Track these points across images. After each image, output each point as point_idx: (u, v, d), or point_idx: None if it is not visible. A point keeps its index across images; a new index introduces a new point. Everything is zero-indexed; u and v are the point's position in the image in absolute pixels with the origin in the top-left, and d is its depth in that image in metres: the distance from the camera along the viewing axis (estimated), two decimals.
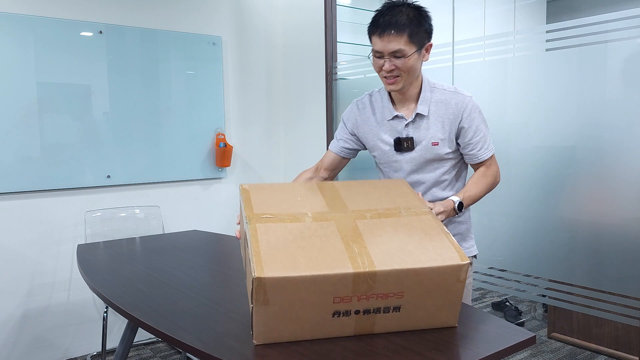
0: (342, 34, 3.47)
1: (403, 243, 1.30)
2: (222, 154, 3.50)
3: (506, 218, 2.48)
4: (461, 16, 2.82)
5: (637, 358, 2.85)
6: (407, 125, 1.74)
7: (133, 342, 2.32)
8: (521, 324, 3.51)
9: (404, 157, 1.76)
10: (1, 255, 2.85)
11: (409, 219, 1.39)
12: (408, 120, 1.73)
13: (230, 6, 3.58)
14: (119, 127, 3.14)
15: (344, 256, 1.22)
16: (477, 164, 1.77)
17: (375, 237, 1.31)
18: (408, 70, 1.65)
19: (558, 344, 3.21)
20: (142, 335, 3.23)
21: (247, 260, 1.29)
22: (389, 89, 1.71)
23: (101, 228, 3.10)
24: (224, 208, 3.64)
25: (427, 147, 1.73)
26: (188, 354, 3.01)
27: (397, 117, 1.75)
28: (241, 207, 1.41)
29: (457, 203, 1.64)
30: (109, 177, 3.13)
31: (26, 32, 2.83)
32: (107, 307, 2.77)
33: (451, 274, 1.23)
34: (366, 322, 1.25)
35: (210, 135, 3.51)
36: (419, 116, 1.72)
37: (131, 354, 3.15)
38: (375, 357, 1.18)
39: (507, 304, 3.78)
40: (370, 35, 1.67)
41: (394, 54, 1.62)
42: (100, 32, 3.06)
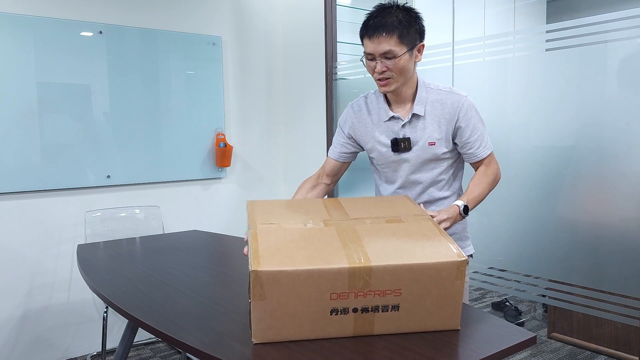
0: (342, 34, 3.47)
1: (400, 242, 1.32)
2: (222, 154, 3.50)
3: (506, 218, 2.48)
4: (461, 16, 2.82)
5: (637, 358, 2.85)
6: (403, 126, 1.74)
7: (133, 342, 2.32)
8: (521, 324, 3.51)
9: (401, 157, 1.76)
10: (1, 255, 2.85)
11: (408, 224, 1.41)
12: (404, 120, 1.74)
13: (230, 6, 3.58)
14: (119, 127, 3.14)
15: (341, 253, 1.25)
16: (476, 163, 1.78)
17: (373, 238, 1.33)
18: (400, 71, 1.66)
19: (558, 344, 3.21)
20: (142, 335, 3.23)
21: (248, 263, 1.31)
22: (382, 91, 1.72)
23: (101, 228, 3.10)
24: (224, 208, 3.64)
25: (424, 147, 1.73)
26: (188, 354, 3.01)
27: (394, 118, 1.76)
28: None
29: (462, 207, 1.64)
30: (109, 177, 3.13)
31: (26, 32, 2.83)
32: (107, 307, 2.77)
33: (449, 271, 1.23)
34: (365, 321, 1.25)
35: (210, 135, 3.51)
36: (415, 116, 1.73)
37: (131, 354, 3.15)
38: (375, 357, 1.18)
39: (507, 304, 3.78)
40: (362, 38, 1.69)
41: (385, 55, 1.63)
42: (100, 32, 3.06)
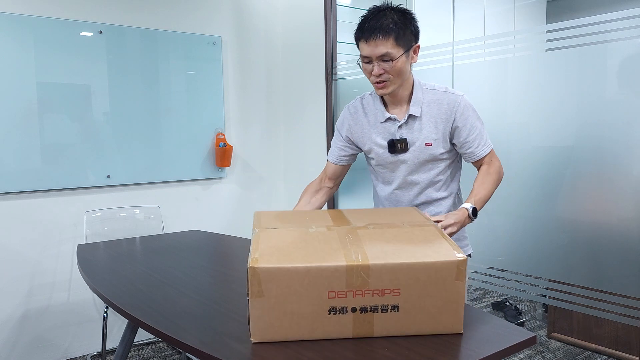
0: (342, 34, 3.46)
1: (401, 244, 1.32)
2: (222, 154, 3.51)
3: (506, 218, 2.48)
4: (461, 16, 2.82)
5: (637, 358, 2.85)
6: (400, 127, 1.74)
7: (133, 342, 2.32)
8: (521, 324, 3.51)
9: (398, 158, 1.76)
10: (1, 255, 2.85)
11: (411, 229, 1.42)
12: (401, 122, 1.74)
13: (230, 6, 3.58)
14: (119, 127, 3.14)
15: (339, 252, 1.25)
16: (477, 162, 1.77)
17: (374, 241, 1.34)
18: (397, 74, 1.66)
19: (558, 344, 3.21)
20: (142, 335, 3.23)
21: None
22: (379, 94, 1.72)
23: (101, 228, 3.10)
24: (224, 208, 3.64)
25: (420, 148, 1.73)
26: (188, 354, 3.01)
27: (390, 119, 1.76)
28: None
29: (471, 210, 1.63)
30: (109, 177, 3.13)
31: (26, 32, 2.83)
32: (107, 307, 2.77)
33: (448, 271, 1.22)
34: (364, 322, 1.24)
35: (210, 135, 3.51)
36: (411, 117, 1.73)
37: (131, 354, 3.15)
38: (375, 356, 1.18)
39: (507, 304, 3.78)
40: (357, 41, 1.69)
41: (382, 58, 1.63)
42: (100, 32, 3.06)
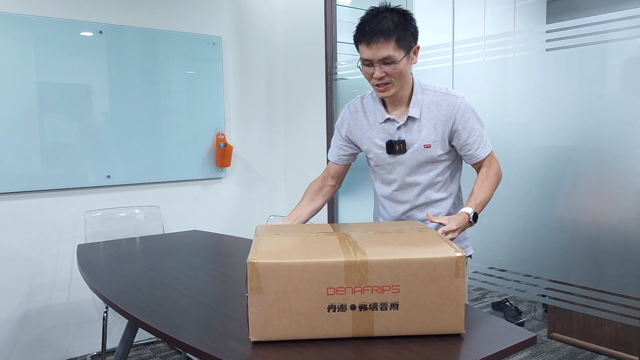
0: (342, 34, 3.46)
1: (399, 244, 1.33)
2: (222, 154, 3.51)
3: (506, 218, 2.48)
4: (461, 16, 2.82)
5: (637, 358, 2.85)
6: (399, 128, 1.74)
7: (133, 342, 2.32)
8: (521, 324, 3.52)
9: (396, 159, 1.76)
10: (1, 255, 2.85)
11: (411, 233, 1.43)
12: (400, 123, 1.73)
13: (230, 6, 3.58)
14: (119, 127, 3.14)
15: (338, 251, 1.27)
16: (477, 164, 1.77)
17: (373, 241, 1.35)
18: (398, 76, 1.65)
19: (558, 344, 3.21)
20: (142, 335, 3.23)
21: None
22: (381, 96, 1.71)
23: (101, 228, 3.10)
24: (224, 208, 3.64)
25: (419, 150, 1.73)
26: (188, 354, 3.01)
27: (389, 120, 1.75)
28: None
29: (472, 214, 1.63)
30: (109, 177, 3.13)
31: (26, 32, 2.83)
32: (107, 307, 2.77)
33: (447, 267, 1.23)
34: (364, 320, 1.24)
35: (210, 135, 3.51)
36: (410, 119, 1.72)
37: (131, 354, 3.15)
38: (375, 356, 1.18)
39: (507, 304, 3.78)
40: (357, 44, 1.67)
41: (384, 61, 1.62)
42: (100, 32, 3.06)
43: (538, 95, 2.33)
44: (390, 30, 1.60)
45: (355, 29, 1.67)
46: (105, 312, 2.78)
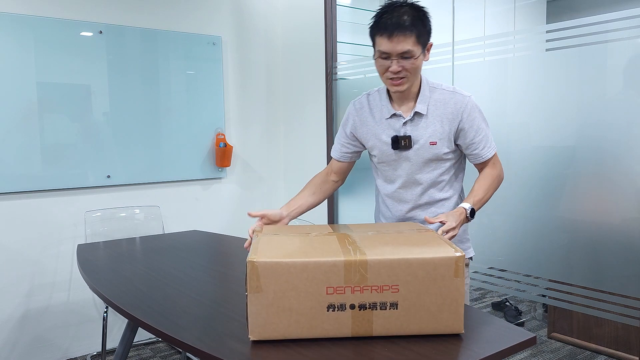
0: (342, 34, 3.46)
1: (399, 244, 1.34)
2: (222, 154, 3.50)
3: (506, 218, 2.48)
4: (461, 16, 2.82)
5: (637, 358, 2.85)
6: (405, 124, 1.73)
7: (133, 342, 2.32)
8: (521, 324, 3.52)
9: (401, 156, 1.75)
10: (1, 255, 2.85)
11: (410, 233, 1.44)
12: (406, 118, 1.73)
13: (230, 6, 3.58)
14: (119, 127, 3.14)
15: (338, 250, 1.27)
16: (481, 164, 1.77)
17: (373, 242, 1.36)
18: (414, 71, 1.65)
19: (558, 344, 3.21)
20: (142, 335, 3.23)
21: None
22: (394, 90, 1.69)
23: (101, 228, 3.10)
24: (224, 208, 3.64)
25: (425, 147, 1.72)
26: (188, 354, 3.01)
27: (395, 115, 1.75)
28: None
29: (470, 210, 1.63)
30: (109, 177, 3.13)
31: (26, 32, 2.83)
32: (107, 307, 2.77)
33: (446, 267, 1.23)
34: (363, 320, 1.24)
35: (210, 135, 3.51)
36: (417, 115, 1.72)
37: (131, 354, 3.15)
38: (375, 356, 1.18)
39: (507, 304, 3.78)
40: (375, 36, 1.65)
41: (402, 55, 1.61)
42: (100, 32, 3.06)
43: (538, 95, 2.33)
44: (412, 24, 1.59)
45: (372, 21, 1.65)
46: (105, 312, 2.78)
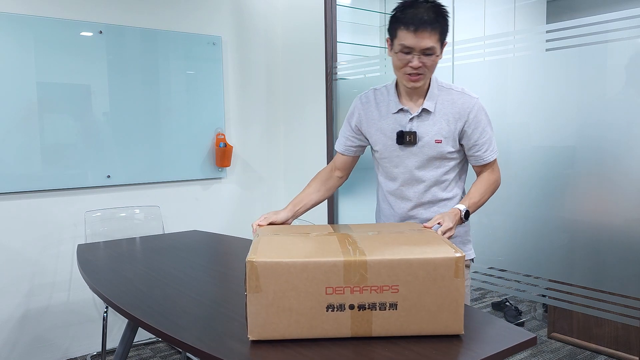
0: (342, 34, 3.47)
1: (399, 244, 1.33)
2: (222, 154, 3.50)
3: (506, 218, 2.48)
4: (461, 16, 2.82)
5: (637, 358, 2.85)
6: (411, 120, 1.73)
7: (133, 342, 2.32)
8: (521, 324, 3.52)
9: (405, 152, 1.75)
10: (1, 255, 2.85)
11: (410, 234, 1.44)
12: (413, 114, 1.73)
13: (230, 6, 3.58)
14: (119, 127, 3.14)
15: (338, 250, 1.27)
16: (480, 167, 1.77)
17: (373, 241, 1.35)
18: (432, 68, 1.66)
19: (558, 344, 3.21)
20: (142, 335, 3.23)
21: None
22: (410, 86, 1.68)
23: (101, 228, 3.10)
24: (224, 208, 3.64)
25: (430, 144, 1.72)
26: (188, 354, 3.01)
27: (403, 110, 1.74)
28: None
29: (464, 212, 1.64)
30: (109, 177, 3.13)
31: (26, 32, 2.83)
32: (107, 307, 2.77)
33: (446, 267, 1.22)
34: (363, 320, 1.24)
35: (210, 135, 3.51)
36: (425, 111, 1.72)
37: (131, 354, 3.15)
38: (375, 356, 1.18)
39: (507, 304, 3.78)
40: (398, 30, 1.62)
41: (424, 51, 1.61)
42: (100, 32, 3.06)
43: (538, 95, 2.33)
44: (437, 22, 1.60)
45: (395, 14, 1.63)
46: (105, 312, 2.78)
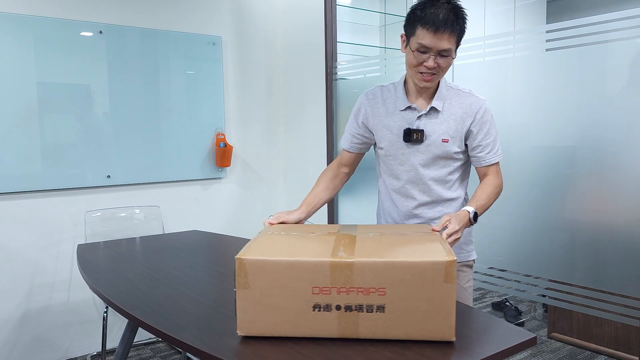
0: (342, 34, 3.47)
1: (392, 246, 1.32)
2: (222, 154, 3.50)
3: (506, 218, 2.48)
4: None
5: (637, 358, 2.85)
6: (419, 117, 1.73)
7: (133, 342, 2.32)
8: (521, 324, 3.52)
9: (411, 149, 1.74)
10: (1, 255, 2.85)
11: (411, 235, 1.42)
12: (421, 112, 1.72)
13: (230, 6, 3.58)
14: (119, 127, 3.14)
15: (327, 251, 1.27)
16: (483, 169, 1.76)
17: (368, 243, 1.34)
18: (447, 69, 1.66)
19: (558, 344, 3.21)
20: (142, 335, 3.23)
21: None
22: (423, 85, 1.68)
23: (101, 228, 3.10)
24: (224, 208, 3.64)
25: (436, 143, 1.72)
26: (188, 354, 3.01)
27: (410, 107, 1.74)
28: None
29: (473, 213, 1.62)
30: (109, 177, 3.13)
31: (26, 32, 2.83)
32: (107, 307, 2.77)
33: (434, 271, 1.19)
34: (349, 321, 1.23)
35: (210, 135, 3.51)
36: (433, 110, 1.72)
37: (131, 354, 3.15)
38: (374, 356, 1.18)
39: (507, 304, 3.78)
40: (416, 28, 1.61)
41: (441, 53, 1.61)
42: (100, 32, 3.06)
43: (538, 95, 2.33)
44: (457, 24, 1.60)
45: (414, 12, 1.62)
46: (105, 312, 2.78)
